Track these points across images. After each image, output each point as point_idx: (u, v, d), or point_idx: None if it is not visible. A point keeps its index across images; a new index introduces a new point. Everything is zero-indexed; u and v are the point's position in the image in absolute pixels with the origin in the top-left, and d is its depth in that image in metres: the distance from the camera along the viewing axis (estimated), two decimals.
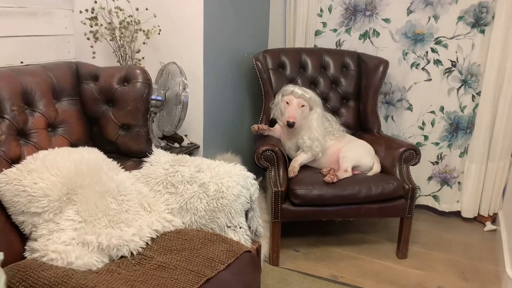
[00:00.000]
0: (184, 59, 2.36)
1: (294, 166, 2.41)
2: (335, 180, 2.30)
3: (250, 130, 2.48)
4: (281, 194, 2.27)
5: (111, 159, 1.82)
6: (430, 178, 3.02)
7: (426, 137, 2.96)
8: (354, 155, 2.48)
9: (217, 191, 1.72)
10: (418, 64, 2.87)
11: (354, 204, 2.33)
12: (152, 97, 2.15)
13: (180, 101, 2.17)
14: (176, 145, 2.42)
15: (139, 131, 1.91)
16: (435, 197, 3.03)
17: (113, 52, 2.33)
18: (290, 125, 2.43)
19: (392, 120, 3.03)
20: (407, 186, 2.39)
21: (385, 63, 2.78)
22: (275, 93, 2.66)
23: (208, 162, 1.88)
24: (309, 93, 2.52)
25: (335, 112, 2.88)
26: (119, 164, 1.84)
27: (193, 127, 2.50)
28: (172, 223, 1.71)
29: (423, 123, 2.95)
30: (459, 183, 2.96)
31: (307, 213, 2.32)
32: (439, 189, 3.02)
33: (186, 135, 2.49)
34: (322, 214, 2.34)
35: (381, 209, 2.37)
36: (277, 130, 2.63)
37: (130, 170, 1.87)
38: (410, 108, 2.94)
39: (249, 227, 1.82)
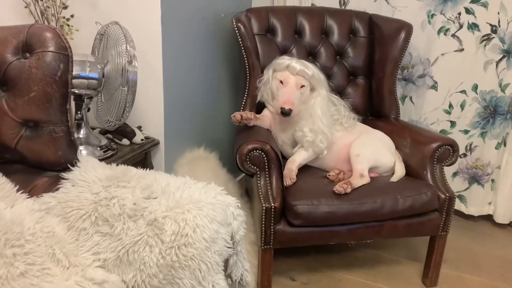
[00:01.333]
0: (132, 19, 1.63)
1: (292, 170, 1.74)
2: (348, 190, 1.65)
3: (230, 119, 1.78)
4: (274, 212, 1.61)
5: (3, 177, 1.13)
6: (455, 174, 2.42)
7: (453, 124, 2.33)
8: (371, 153, 1.83)
9: (178, 234, 1.05)
10: (448, 30, 2.20)
11: (375, 222, 1.70)
12: (83, 74, 1.44)
13: (126, 79, 1.46)
14: (126, 141, 1.72)
15: (54, 130, 1.20)
16: (461, 198, 2.44)
17: (26, 7, 1.57)
18: (286, 113, 1.75)
19: (410, 101, 2.38)
20: (443, 196, 1.76)
21: (408, 28, 2.10)
22: (264, 67, 1.96)
23: (165, 180, 1.20)
24: (311, 69, 1.83)
25: (340, 92, 2.20)
26: (21, 185, 1.15)
27: (150, 115, 1.80)
28: (104, 285, 1.04)
29: (450, 106, 2.31)
30: (492, 181, 2.36)
31: (311, 236, 1.68)
32: (467, 188, 2.42)
33: (140, 127, 1.79)
34: (330, 237, 1.71)
35: (409, 227, 1.75)
36: (267, 118, 1.95)
37: (39, 194, 1.17)
38: (434, 86, 2.29)
39: (230, 278, 1.18)
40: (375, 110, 2.23)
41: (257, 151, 1.64)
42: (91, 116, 1.66)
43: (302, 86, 1.82)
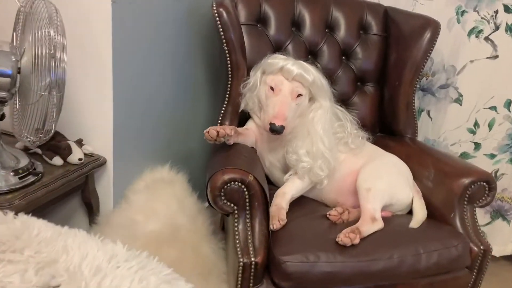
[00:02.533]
0: None
1: (281, 208, 1.31)
2: (356, 241, 1.23)
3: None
4: (255, 269, 1.18)
5: None
6: None
7: (477, 146, 1.92)
8: (385, 187, 1.41)
9: None
10: (481, 31, 1.78)
11: (387, 282, 1.28)
12: None
13: (46, 79, 1.00)
14: (58, 160, 1.26)
15: None
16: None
17: None
18: (276, 130, 1.32)
19: (427, 116, 1.96)
20: (475, 248, 1.36)
21: (435, 27, 1.68)
22: (250, 67, 1.51)
23: (82, 250, 0.76)
24: (312, 73, 1.40)
25: (343, 102, 1.77)
26: None
27: (95, 125, 1.34)
28: None
29: (476, 124, 1.90)
30: None
31: None
32: (488, 223, 2.02)
33: (80, 141, 1.33)
34: None
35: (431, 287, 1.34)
36: (251, 133, 1.51)
37: None
38: (458, 100, 1.87)
39: None
40: (387, 126, 1.80)
41: (236, 183, 1.20)
42: (7, 124, 1.20)
43: (299, 96, 1.39)
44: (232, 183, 1.19)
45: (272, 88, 1.39)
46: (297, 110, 1.40)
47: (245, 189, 1.21)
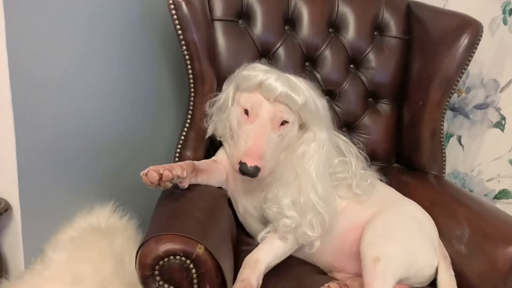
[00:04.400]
0: None
1: (249, 286, 0.91)
2: None
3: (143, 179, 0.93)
4: None
5: None
6: None
7: None
8: (400, 255, 0.99)
9: None
10: None
11: None
12: None
13: None
14: None
15: None
16: None
17: None
18: (248, 173, 0.93)
19: (458, 143, 1.53)
20: None
21: (474, 29, 1.25)
22: (225, 78, 1.11)
23: None
24: (303, 92, 0.99)
25: (350, 124, 1.37)
26: None
27: None
28: None
29: None
30: None
31: None
32: None
33: None
34: None
35: None
36: (220, 167, 1.12)
37: None
38: (500, 124, 1.45)
39: None
40: (405, 156, 1.39)
41: (177, 257, 0.80)
42: None
43: (283, 123, 0.99)
44: (172, 257, 0.80)
45: (246, 112, 0.99)
46: (280, 144, 1.00)
47: (191, 265, 0.81)
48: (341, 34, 1.36)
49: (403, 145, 1.37)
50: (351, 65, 1.38)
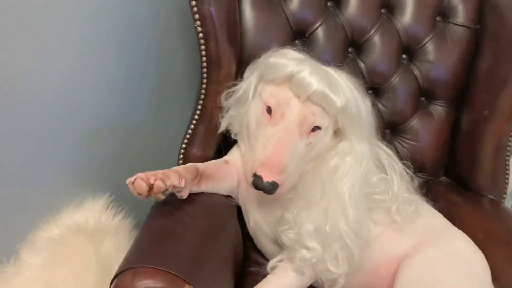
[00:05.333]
0: None
1: None
2: None
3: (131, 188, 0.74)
4: None
5: None
6: None
7: None
8: None
9: None
10: None
11: None
12: None
13: None
14: None
15: None
16: None
17: None
18: (263, 188, 0.73)
19: None
20: None
21: None
22: (248, 63, 0.90)
23: None
24: (344, 92, 0.78)
25: (395, 126, 1.15)
26: None
27: None
28: None
29: None
30: None
31: None
32: None
33: None
34: None
35: None
36: (231, 170, 0.93)
37: None
38: None
39: None
40: (457, 172, 1.16)
41: None
42: None
43: (314, 129, 0.78)
44: None
45: (269, 110, 0.78)
46: (308, 155, 0.80)
47: None
48: (395, 17, 1.12)
49: (457, 158, 1.14)
50: (404, 56, 1.14)
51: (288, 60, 0.79)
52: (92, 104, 0.98)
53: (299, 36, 1.06)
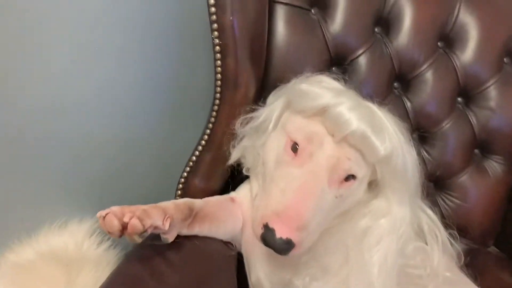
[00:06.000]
0: None
1: None
2: None
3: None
4: None
5: None
6: None
7: None
8: None
9: None
10: None
11: None
12: None
13: None
14: None
15: None
16: None
17: None
18: (274, 247, 0.57)
19: None
20: None
21: None
22: (273, 88, 0.75)
23: None
24: (390, 137, 0.61)
25: (440, 180, 0.96)
26: None
27: None
28: None
29: None
30: None
31: None
32: None
33: None
34: None
35: None
36: (236, 209, 0.77)
37: None
38: None
39: None
40: (510, 243, 0.96)
41: None
42: None
43: (348, 178, 0.61)
44: None
45: (294, 147, 0.63)
46: (336, 209, 0.63)
47: None
48: (453, 52, 0.95)
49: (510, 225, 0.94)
50: (459, 99, 0.97)
51: (324, 90, 0.63)
52: (94, 116, 0.86)
53: (337, 62, 0.91)
